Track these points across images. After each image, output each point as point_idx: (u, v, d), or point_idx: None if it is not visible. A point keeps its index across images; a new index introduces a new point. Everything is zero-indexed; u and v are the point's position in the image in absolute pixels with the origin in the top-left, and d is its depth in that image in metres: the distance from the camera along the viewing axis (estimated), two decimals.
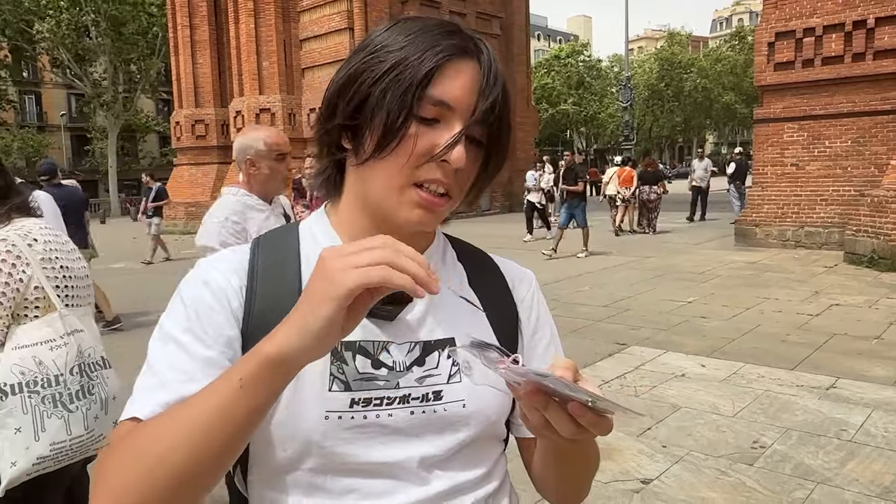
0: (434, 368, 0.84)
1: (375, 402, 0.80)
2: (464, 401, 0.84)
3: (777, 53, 11.40)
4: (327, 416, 0.78)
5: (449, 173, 0.78)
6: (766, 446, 3.63)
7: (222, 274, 0.82)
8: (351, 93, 0.79)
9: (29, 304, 1.70)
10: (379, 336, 0.82)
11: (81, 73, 32.39)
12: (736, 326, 6.30)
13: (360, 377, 0.80)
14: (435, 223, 0.83)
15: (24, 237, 1.72)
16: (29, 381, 1.66)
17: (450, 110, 0.77)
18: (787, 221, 11.60)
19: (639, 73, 52.51)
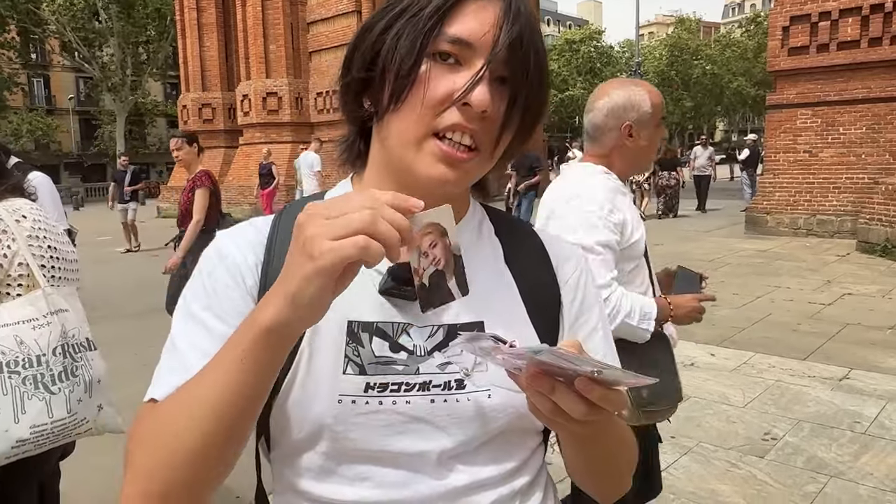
0: (458, 355, 0.76)
1: (392, 387, 0.75)
2: (489, 390, 0.77)
3: (791, 38, 11.18)
4: (340, 399, 0.73)
5: (473, 118, 0.70)
6: (778, 438, 3.55)
7: (238, 249, 0.78)
8: (365, 43, 0.75)
9: (12, 282, 1.64)
10: (399, 317, 0.76)
11: (90, 57, 32.33)
12: (746, 315, 6.20)
13: (377, 360, 0.75)
14: (462, 181, 0.75)
15: (13, 213, 1.67)
16: (9, 360, 1.59)
17: (469, 48, 0.70)
18: (799, 209, 11.44)
19: (649, 60, 52.03)
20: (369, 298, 0.77)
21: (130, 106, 34.43)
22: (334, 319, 0.74)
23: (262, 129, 18.89)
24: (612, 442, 0.81)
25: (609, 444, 0.80)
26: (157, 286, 4.98)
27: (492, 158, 0.76)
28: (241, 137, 19.64)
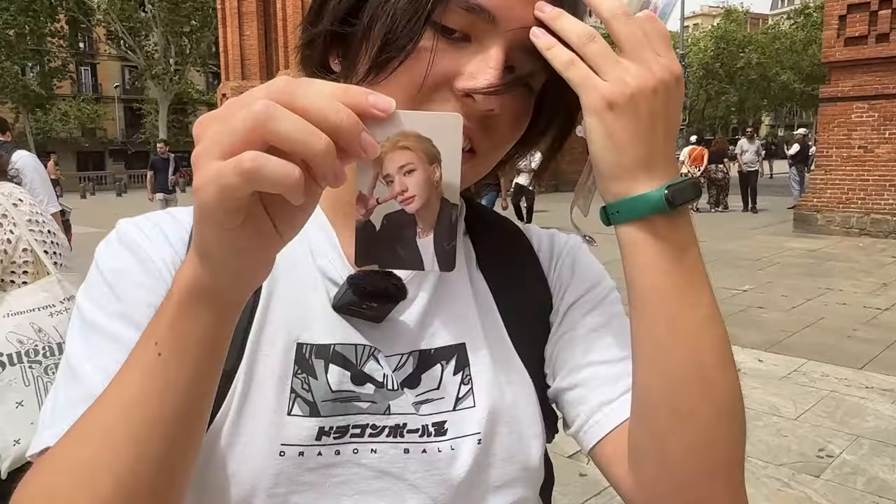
0: (434, 390, 0.59)
1: (354, 431, 0.56)
2: (479, 434, 0.59)
3: (849, 27, 10.65)
4: (282, 451, 0.55)
5: (473, 115, 0.51)
6: (834, 455, 3.28)
7: (150, 241, 0.58)
8: None
9: (17, 268, 1.57)
10: (361, 339, 0.58)
11: (135, 46, 32.92)
12: (796, 319, 5.87)
13: (335, 397, 0.56)
14: None
15: (8, 196, 1.58)
16: (28, 349, 1.53)
17: (488, 22, 0.51)
18: (852, 207, 10.93)
19: (693, 52, 50.91)
20: (325, 313, 0.58)
21: (173, 94, 34.99)
22: (278, 340, 0.56)
23: None
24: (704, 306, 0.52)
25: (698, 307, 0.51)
26: None
27: (489, 165, 0.58)
28: None
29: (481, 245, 0.68)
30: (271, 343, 0.57)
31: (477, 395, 0.60)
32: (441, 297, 0.62)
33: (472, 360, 0.61)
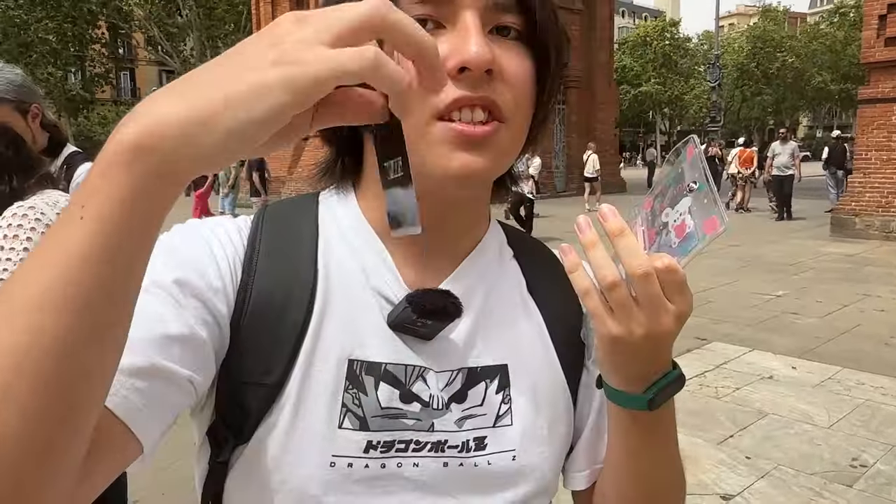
0: (478, 406, 0.62)
1: (399, 446, 0.59)
2: (514, 451, 0.62)
3: (889, 27, 10.40)
4: (333, 462, 0.58)
5: (478, 83, 0.53)
6: (868, 465, 3.23)
7: (215, 236, 0.60)
8: None
9: None
10: (412, 359, 0.60)
11: (172, 50, 33.59)
12: (832, 325, 5.76)
13: (383, 413, 0.59)
14: (492, 166, 0.57)
15: (53, 206, 1.64)
16: None
17: (447, 3, 0.54)
18: (892, 211, 10.66)
19: (728, 52, 50.05)
20: (378, 331, 0.61)
21: None
22: (331, 356, 0.59)
23: None
24: (667, 443, 0.65)
25: (663, 442, 0.64)
26: None
27: (523, 129, 0.59)
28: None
29: (529, 270, 0.71)
30: (324, 359, 0.59)
31: (515, 414, 0.64)
32: (487, 318, 0.65)
33: (512, 381, 0.64)
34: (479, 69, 0.53)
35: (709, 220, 0.48)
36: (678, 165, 0.53)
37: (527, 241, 0.76)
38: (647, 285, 0.50)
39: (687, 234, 0.50)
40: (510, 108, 0.56)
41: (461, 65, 0.53)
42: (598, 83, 22.02)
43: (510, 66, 0.56)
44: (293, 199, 0.69)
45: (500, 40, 0.56)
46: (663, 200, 0.53)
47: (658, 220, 0.53)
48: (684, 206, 0.50)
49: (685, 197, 0.50)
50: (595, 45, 21.75)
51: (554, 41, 0.59)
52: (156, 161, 0.35)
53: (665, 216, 0.52)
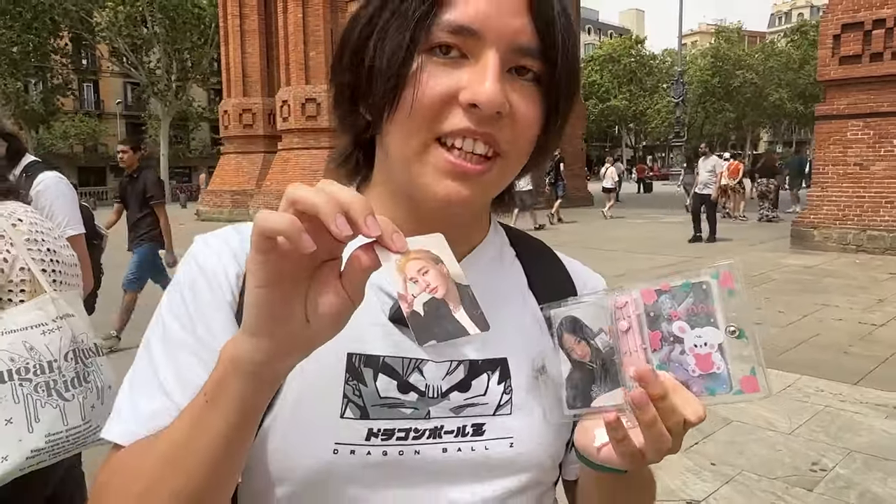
0: (481, 395, 0.65)
1: (399, 434, 0.62)
2: (511, 438, 0.65)
3: (843, 46, 10.79)
4: (336, 449, 0.61)
5: (485, 120, 0.56)
6: (827, 469, 3.32)
7: (219, 258, 0.65)
8: (354, 35, 0.61)
9: (14, 287, 1.58)
10: (411, 352, 0.64)
11: (137, 62, 33.17)
12: (792, 335, 5.91)
13: (382, 402, 0.63)
14: (478, 199, 0.61)
15: (8, 217, 1.62)
16: (20, 367, 1.53)
17: (476, 38, 0.56)
18: (849, 224, 11.00)
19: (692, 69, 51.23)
20: (376, 327, 0.64)
21: (175, 111, 35.18)
22: (331, 351, 0.62)
23: (301, 135, 19.06)
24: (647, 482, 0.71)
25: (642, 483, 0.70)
26: None
27: (520, 161, 0.63)
28: (280, 143, 19.84)
29: (530, 269, 0.75)
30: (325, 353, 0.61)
31: (515, 404, 0.66)
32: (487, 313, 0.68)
33: (513, 373, 0.67)
34: (489, 111, 0.56)
35: (749, 378, 0.48)
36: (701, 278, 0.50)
37: (529, 241, 0.79)
38: (679, 428, 0.53)
39: (714, 374, 0.49)
40: (509, 144, 0.60)
41: (473, 102, 0.56)
42: None
43: (520, 109, 0.59)
44: None
45: (517, 80, 0.59)
46: (675, 306, 0.52)
47: (666, 326, 0.52)
48: (712, 339, 0.49)
49: (714, 329, 0.49)
50: None
51: (568, 91, 0.62)
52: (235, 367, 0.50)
53: (679, 331, 0.51)
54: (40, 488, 1.70)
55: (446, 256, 0.51)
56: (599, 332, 0.53)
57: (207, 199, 22.15)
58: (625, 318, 0.52)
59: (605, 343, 0.53)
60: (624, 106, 51.69)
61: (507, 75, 0.58)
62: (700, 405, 0.51)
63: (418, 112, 0.57)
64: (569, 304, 0.56)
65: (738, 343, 0.48)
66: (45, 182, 2.08)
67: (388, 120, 0.60)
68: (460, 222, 0.66)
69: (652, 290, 0.52)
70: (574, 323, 0.55)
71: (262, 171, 20.87)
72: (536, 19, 0.57)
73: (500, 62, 0.57)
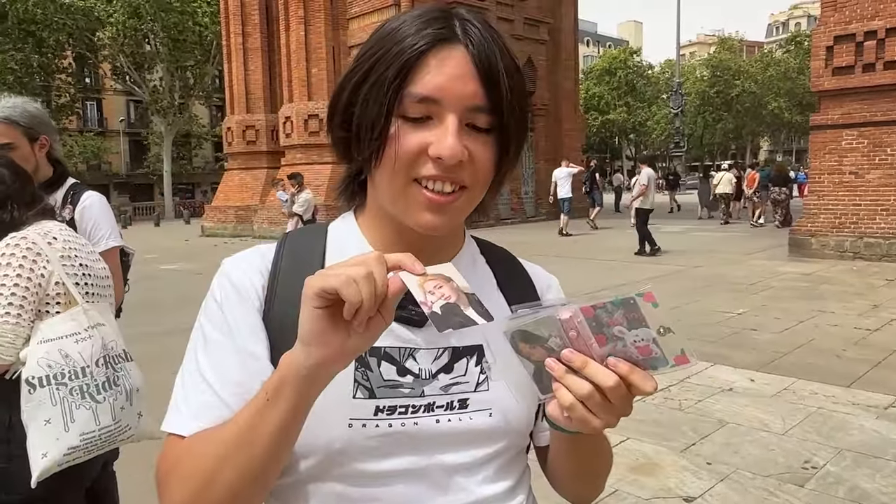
0: (462, 376, 0.81)
1: (400, 409, 0.78)
2: (490, 409, 0.81)
3: (836, 57, 10.99)
4: (351, 423, 0.76)
5: (448, 168, 0.73)
6: (819, 467, 3.46)
7: (245, 274, 0.81)
8: (342, 101, 0.78)
9: (50, 300, 1.75)
10: (406, 342, 0.80)
11: (140, 80, 33.51)
12: (788, 340, 6.06)
13: (385, 384, 0.78)
14: (451, 223, 0.78)
15: (44, 236, 1.78)
16: (56, 373, 1.69)
17: (436, 104, 0.73)
18: (845, 232, 11.15)
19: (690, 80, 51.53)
20: None
21: (178, 128, 35.47)
22: None
23: (304, 151, 19.27)
24: (602, 449, 0.87)
25: (596, 450, 0.86)
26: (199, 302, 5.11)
27: (482, 191, 0.79)
28: (283, 159, 20.05)
29: (498, 273, 0.92)
30: None
31: (490, 382, 0.82)
32: None
33: (487, 356, 0.83)
34: (451, 162, 0.72)
35: (679, 356, 0.64)
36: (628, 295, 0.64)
37: (496, 250, 0.96)
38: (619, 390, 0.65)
39: (654, 357, 0.64)
40: (471, 182, 0.75)
41: (438, 156, 0.72)
42: (564, 110, 22.55)
43: (477, 154, 0.74)
44: (307, 229, 0.91)
45: (474, 133, 0.74)
46: (611, 316, 0.64)
47: (607, 330, 0.64)
48: (647, 336, 0.64)
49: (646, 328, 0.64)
50: (561, 75, 22.32)
51: (517, 135, 0.77)
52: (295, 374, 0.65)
53: (620, 333, 0.64)
54: (78, 481, 1.86)
55: (456, 277, 0.66)
56: (550, 337, 0.67)
57: (211, 215, 22.36)
58: (571, 328, 0.66)
59: (557, 344, 0.67)
60: (623, 118, 51.98)
61: (465, 129, 0.73)
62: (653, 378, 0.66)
63: (397, 163, 0.73)
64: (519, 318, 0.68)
65: (667, 337, 0.64)
66: (91, 200, 2.29)
67: (375, 167, 0.75)
68: (438, 239, 0.82)
69: (589, 307, 0.64)
70: (523, 334, 0.67)
71: (265, 187, 21.06)
72: (485, 84, 0.72)
73: (459, 121, 0.72)
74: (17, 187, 1.86)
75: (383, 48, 0.74)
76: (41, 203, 1.91)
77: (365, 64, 0.75)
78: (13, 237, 1.74)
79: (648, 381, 0.65)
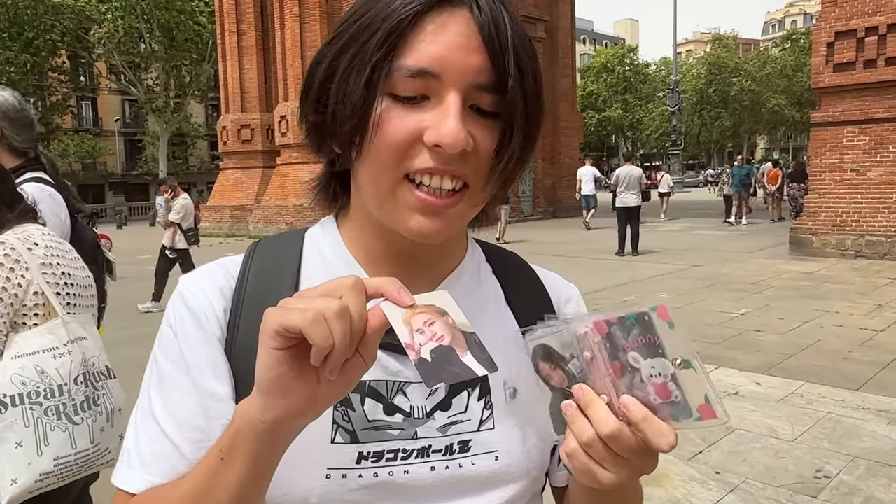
0: (462, 413, 0.67)
1: (388, 455, 0.64)
2: (496, 452, 0.67)
3: (837, 54, 10.88)
4: (329, 474, 0.63)
5: (449, 159, 0.58)
6: (831, 476, 3.33)
7: (205, 295, 0.67)
8: (317, 77, 0.62)
9: (28, 311, 1.61)
10: (394, 375, 0.65)
11: (135, 80, 33.31)
12: (793, 341, 5.94)
13: (370, 426, 0.64)
14: (449, 230, 0.63)
15: (24, 241, 1.64)
16: (30, 391, 1.56)
17: (435, 79, 0.57)
18: (847, 230, 11.05)
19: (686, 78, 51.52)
20: None
21: (174, 127, 35.29)
22: None
23: (300, 150, 19.12)
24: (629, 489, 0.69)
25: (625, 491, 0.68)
26: None
27: (486, 191, 0.63)
28: (279, 158, 19.91)
29: (507, 285, 0.76)
30: None
31: (496, 418, 0.68)
32: None
33: (493, 389, 0.69)
34: (453, 151, 0.57)
35: (704, 405, 0.49)
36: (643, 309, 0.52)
37: (506, 257, 0.80)
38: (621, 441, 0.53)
39: (673, 402, 0.51)
40: (473, 178, 0.61)
41: (437, 143, 0.57)
42: (562, 109, 22.47)
43: (483, 143, 0.60)
44: (281, 236, 0.75)
45: (477, 117, 0.60)
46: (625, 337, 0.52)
47: (623, 356, 0.53)
48: (664, 369, 0.51)
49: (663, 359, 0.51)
50: (558, 73, 22.23)
51: (529, 123, 0.62)
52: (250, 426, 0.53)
53: (635, 361, 0.52)
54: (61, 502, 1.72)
55: (452, 309, 0.53)
56: (572, 359, 0.55)
57: (207, 215, 22.19)
58: (587, 348, 0.54)
59: (578, 368, 0.55)
60: (619, 115, 51.94)
61: (468, 111, 0.59)
62: (671, 432, 0.51)
63: (384, 153, 0.59)
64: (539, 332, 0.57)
65: (686, 373, 0.50)
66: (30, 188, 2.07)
67: (357, 159, 0.61)
68: (435, 248, 0.67)
69: (602, 322, 0.53)
70: (546, 350, 0.56)
71: (260, 186, 20.92)
72: (493, 56, 0.58)
73: (462, 101, 0.58)
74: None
75: (371, 10, 0.59)
76: (21, 203, 1.77)
77: (348, 30, 0.60)
78: None
79: (664, 438, 0.51)
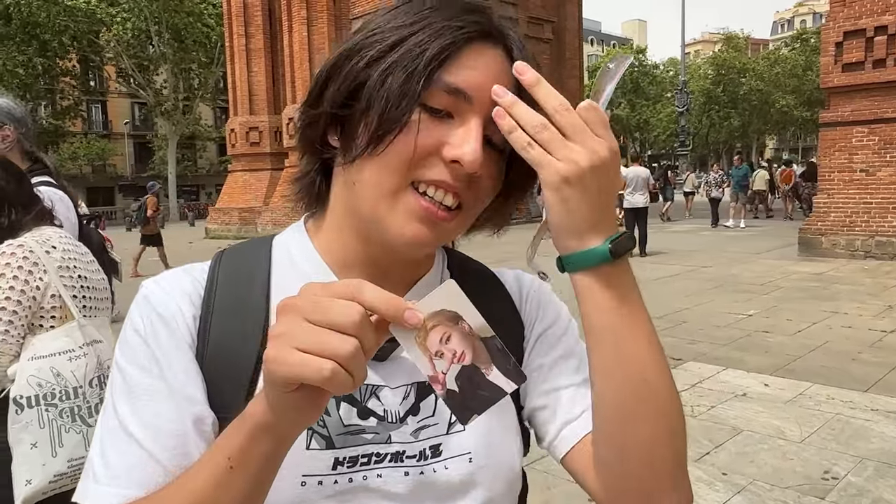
0: (430, 416, 0.68)
1: (362, 460, 0.65)
2: (469, 454, 0.68)
3: (846, 54, 10.82)
4: (304, 481, 0.63)
5: (460, 177, 0.62)
6: (839, 477, 3.33)
7: (174, 300, 0.67)
8: (344, 74, 0.63)
9: (45, 314, 1.64)
10: (368, 379, 0.66)
11: (144, 83, 33.50)
12: (801, 342, 5.92)
13: (346, 430, 0.65)
14: (435, 243, 0.66)
15: (42, 244, 1.67)
16: (46, 393, 1.59)
17: (467, 101, 0.61)
18: (856, 230, 10.98)
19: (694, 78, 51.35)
20: None
21: (183, 130, 35.47)
22: None
23: None
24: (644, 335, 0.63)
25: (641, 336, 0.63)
26: None
27: (473, 216, 0.68)
28: (287, 160, 19.98)
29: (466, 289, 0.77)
30: None
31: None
32: None
33: None
34: (470, 170, 0.61)
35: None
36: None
37: (465, 264, 0.81)
38: (568, 117, 0.57)
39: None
40: (470, 203, 0.65)
41: (457, 160, 0.61)
42: None
43: (486, 176, 0.64)
44: (247, 244, 0.76)
45: (488, 149, 0.63)
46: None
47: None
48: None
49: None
50: (565, 73, 22.19)
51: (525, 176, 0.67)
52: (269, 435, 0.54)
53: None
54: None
55: (464, 307, 0.50)
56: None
57: (215, 217, 22.30)
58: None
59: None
60: (626, 115, 51.84)
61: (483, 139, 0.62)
62: (562, 98, 0.59)
63: (403, 155, 0.61)
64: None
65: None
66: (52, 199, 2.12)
67: (363, 158, 0.62)
68: (411, 259, 0.69)
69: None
70: None
71: (269, 189, 20.99)
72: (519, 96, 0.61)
73: (483, 128, 0.62)
74: (13, 188, 1.74)
75: (425, 20, 0.62)
76: (38, 205, 1.80)
77: (391, 36, 0.62)
78: (9, 244, 1.64)
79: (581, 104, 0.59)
